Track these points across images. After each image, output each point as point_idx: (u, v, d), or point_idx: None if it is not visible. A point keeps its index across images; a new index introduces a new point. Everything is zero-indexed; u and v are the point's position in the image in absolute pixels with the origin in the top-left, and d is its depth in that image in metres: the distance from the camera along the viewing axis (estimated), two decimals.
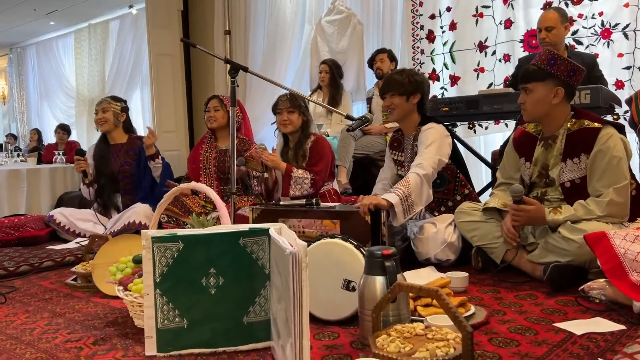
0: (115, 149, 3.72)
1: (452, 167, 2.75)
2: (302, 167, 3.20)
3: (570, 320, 1.74)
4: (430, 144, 2.61)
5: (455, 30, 4.65)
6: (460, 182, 2.78)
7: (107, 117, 3.68)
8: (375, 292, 1.57)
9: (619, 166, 2.20)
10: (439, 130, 2.68)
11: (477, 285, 2.22)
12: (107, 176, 3.65)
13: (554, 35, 3.45)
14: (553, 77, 2.28)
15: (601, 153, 2.21)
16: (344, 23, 5.33)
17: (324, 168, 3.21)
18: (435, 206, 2.79)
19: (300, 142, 3.25)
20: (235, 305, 1.56)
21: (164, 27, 6.48)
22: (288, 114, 3.19)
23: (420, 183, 2.49)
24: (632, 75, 3.91)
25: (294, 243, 1.34)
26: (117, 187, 3.68)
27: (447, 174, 2.75)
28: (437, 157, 2.58)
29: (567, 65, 2.28)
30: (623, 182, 2.18)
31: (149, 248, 1.54)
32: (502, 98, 3.21)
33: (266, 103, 5.86)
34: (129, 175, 3.66)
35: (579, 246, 2.07)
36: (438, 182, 2.71)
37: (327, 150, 3.25)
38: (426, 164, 2.53)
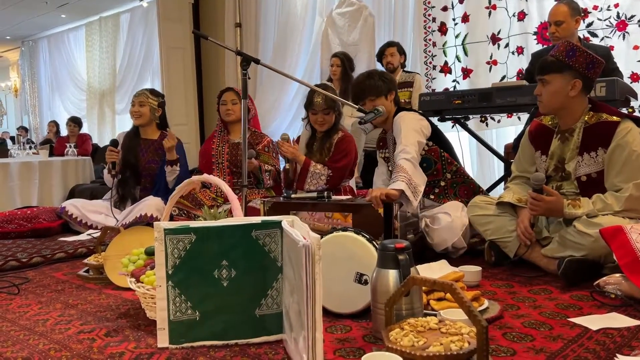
0: (145, 143, 3.69)
1: (434, 148, 2.79)
2: (324, 162, 3.17)
3: (586, 316, 1.71)
4: (405, 129, 2.65)
5: (468, 22, 4.60)
6: (446, 160, 2.81)
7: (144, 111, 3.63)
8: (388, 286, 1.56)
9: (638, 161, 2.16)
10: (409, 115, 2.75)
11: (490, 280, 2.20)
12: (132, 169, 3.63)
13: (564, 29, 3.39)
14: (571, 68, 2.24)
15: (620, 147, 2.18)
16: (355, 15, 5.30)
17: (345, 166, 3.18)
18: (429, 190, 2.79)
19: (328, 134, 3.23)
20: (248, 298, 1.56)
21: (174, 19, 6.49)
22: (324, 115, 3.16)
23: (413, 166, 2.53)
24: None
25: (307, 236, 1.33)
26: (139, 181, 3.66)
27: (431, 156, 2.78)
28: (415, 139, 2.62)
29: (586, 57, 2.24)
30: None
31: (161, 240, 1.54)
32: (516, 91, 3.17)
33: (276, 96, 5.86)
34: (152, 173, 3.64)
35: (594, 240, 2.05)
36: (424, 165, 2.74)
37: (353, 149, 3.22)
38: (409, 148, 2.57)
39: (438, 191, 2.80)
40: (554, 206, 2.22)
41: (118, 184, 3.63)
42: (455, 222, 2.56)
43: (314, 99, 3.14)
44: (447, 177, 2.80)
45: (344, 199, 2.64)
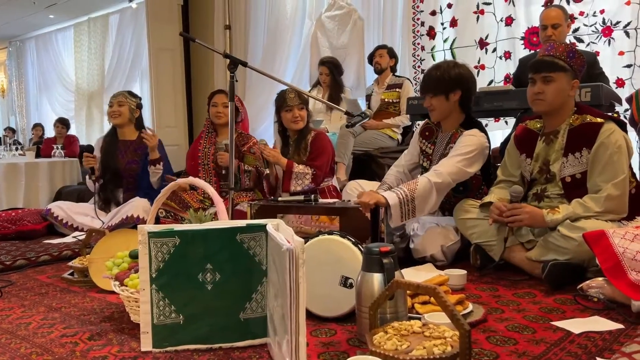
0: (123, 144, 3.70)
1: (478, 177, 2.68)
2: (303, 162, 3.19)
3: (569, 319, 1.73)
4: (464, 152, 2.51)
5: (456, 26, 4.63)
6: (481, 193, 2.70)
7: (123, 111, 3.66)
8: (373, 289, 1.56)
9: (619, 161, 2.19)
10: (481, 139, 2.57)
11: (475, 283, 2.21)
12: (112, 171, 3.63)
13: (560, 32, 3.44)
14: (572, 69, 2.29)
15: (603, 147, 2.21)
16: (345, 18, 5.31)
17: (325, 163, 3.20)
18: (448, 207, 2.72)
19: (302, 135, 3.24)
20: (232, 302, 1.55)
21: (164, 21, 6.47)
22: (299, 111, 3.17)
23: (429, 190, 2.41)
24: (632, 73, 3.91)
25: (291, 239, 1.33)
26: (121, 183, 3.66)
27: (472, 183, 2.68)
28: (463, 168, 2.49)
29: (582, 60, 2.32)
30: (621, 177, 2.17)
31: (145, 243, 1.53)
32: (503, 95, 3.20)
33: (265, 98, 5.86)
34: (134, 174, 3.64)
35: (578, 244, 2.07)
36: (461, 188, 2.64)
37: (328, 146, 3.25)
38: (445, 172, 2.45)
39: None
40: (534, 214, 2.23)
41: (99, 189, 3.62)
42: (441, 234, 2.55)
43: (287, 96, 3.16)
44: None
45: (331, 201, 2.64)
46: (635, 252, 1.79)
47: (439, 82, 2.60)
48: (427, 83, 2.66)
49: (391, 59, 4.60)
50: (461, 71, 2.63)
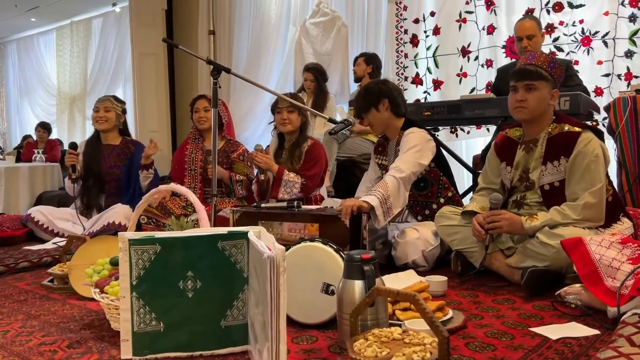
0: (107, 149, 3.67)
1: (435, 170, 2.79)
2: (295, 170, 3.18)
3: (546, 325, 1.75)
4: (411, 147, 2.65)
5: (439, 35, 4.69)
6: (443, 185, 2.81)
7: (110, 116, 3.63)
8: (354, 296, 1.58)
9: (597, 169, 2.23)
10: (420, 134, 2.72)
11: (456, 289, 2.23)
12: (95, 176, 3.59)
13: (535, 42, 3.50)
14: (553, 79, 2.34)
15: (581, 155, 2.25)
16: (329, 25, 5.34)
17: (317, 174, 3.20)
18: (419, 210, 2.82)
19: (297, 143, 3.24)
20: (213, 309, 1.55)
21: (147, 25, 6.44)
22: (288, 113, 3.17)
23: (397, 186, 2.52)
24: (611, 82, 3.98)
25: (272, 247, 1.34)
26: (103, 188, 3.63)
27: (430, 177, 2.79)
28: (416, 160, 2.62)
29: (561, 70, 2.38)
30: (598, 185, 2.22)
31: (125, 250, 1.53)
32: (484, 103, 3.24)
33: (250, 103, 5.86)
34: (116, 178, 3.61)
35: (556, 251, 2.10)
36: (422, 185, 2.76)
37: (323, 156, 3.23)
38: (404, 167, 2.57)
39: (428, 213, 2.80)
40: (513, 221, 2.27)
41: (81, 193, 3.59)
42: (421, 239, 2.58)
43: (280, 98, 3.18)
44: (440, 202, 2.80)
45: (314, 208, 2.65)
46: (611, 259, 1.82)
47: (365, 98, 2.81)
48: (357, 105, 2.85)
49: (368, 66, 4.59)
50: (380, 85, 2.85)
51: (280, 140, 3.34)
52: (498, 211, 2.32)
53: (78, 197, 3.58)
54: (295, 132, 3.25)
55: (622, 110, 3.14)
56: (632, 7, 3.86)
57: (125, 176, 3.60)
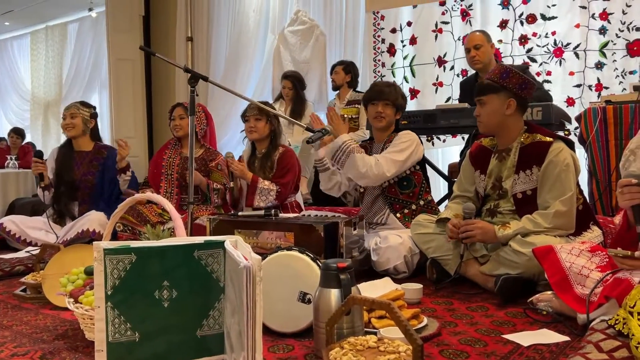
0: (79, 156, 3.62)
1: (419, 172, 2.88)
2: (269, 179, 3.19)
3: (519, 332, 1.79)
4: (398, 147, 2.77)
5: (416, 44, 4.75)
6: (424, 189, 2.90)
7: (76, 122, 3.58)
8: (330, 305, 1.59)
9: (567, 179, 2.29)
10: (409, 135, 2.84)
11: (431, 297, 2.26)
12: (67, 183, 3.54)
13: (483, 52, 3.59)
14: (505, 89, 2.38)
15: (552, 165, 2.30)
16: (307, 33, 5.37)
17: (291, 181, 3.21)
18: (398, 207, 2.88)
19: (268, 152, 3.25)
20: (189, 319, 1.55)
21: (124, 31, 6.39)
22: (255, 121, 3.19)
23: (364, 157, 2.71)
24: (582, 93, 4.08)
25: (248, 256, 1.34)
26: (76, 195, 3.57)
27: (414, 178, 2.86)
28: (398, 158, 2.74)
29: (518, 78, 2.39)
30: (568, 194, 2.27)
31: (100, 260, 1.51)
32: (458, 113, 3.30)
33: (228, 111, 5.85)
34: (90, 185, 3.56)
35: (529, 259, 2.14)
36: (405, 184, 2.85)
37: (295, 163, 3.25)
38: (382, 161, 2.72)
39: (407, 212, 2.85)
40: (486, 230, 2.31)
41: (53, 200, 3.54)
42: (404, 245, 2.61)
43: (248, 106, 3.21)
44: (419, 204, 2.87)
45: (291, 216, 2.66)
46: (580, 267, 1.87)
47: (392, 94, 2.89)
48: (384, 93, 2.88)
49: (347, 75, 4.63)
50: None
51: (253, 149, 3.36)
52: (472, 220, 2.36)
53: (50, 204, 3.53)
54: (266, 141, 3.27)
55: (593, 120, 3.22)
56: (602, 20, 3.97)
57: (99, 183, 3.56)
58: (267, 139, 3.27)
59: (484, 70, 3.58)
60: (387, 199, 2.88)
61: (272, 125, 3.25)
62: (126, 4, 6.39)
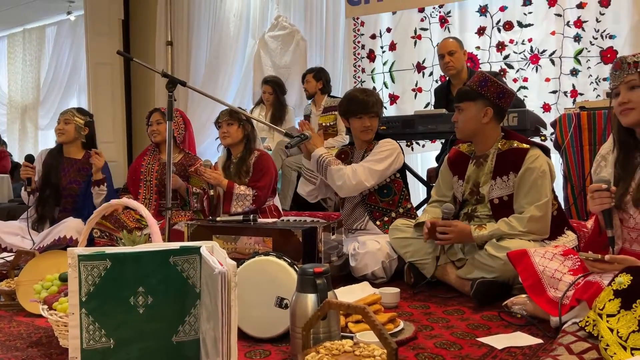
0: (68, 162, 3.56)
1: (399, 180, 2.90)
2: (245, 183, 3.19)
3: (493, 335, 1.81)
4: (378, 156, 2.78)
5: (395, 50, 4.79)
6: (404, 197, 2.91)
7: (68, 129, 3.51)
8: (307, 310, 1.59)
9: (543, 185, 2.33)
10: (391, 144, 2.85)
11: (408, 301, 2.28)
12: (53, 188, 3.48)
13: (457, 59, 3.65)
14: (483, 97, 2.42)
15: (529, 171, 2.34)
16: (288, 39, 5.39)
17: (268, 184, 3.21)
18: (378, 215, 2.89)
19: (243, 157, 3.25)
20: (165, 325, 1.54)
21: (103, 35, 6.34)
22: (227, 126, 3.20)
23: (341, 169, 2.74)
24: (558, 99, 4.16)
25: (223, 262, 1.34)
26: (59, 201, 3.52)
27: (394, 186, 2.88)
28: (376, 168, 2.74)
29: (497, 87, 2.42)
30: (544, 200, 2.31)
31: (75, 266, 1.50)
32: (436, 118, 3.34)
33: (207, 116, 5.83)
34: (74, 194, 3.50)
35: (504, 263, 2.17)
36: (385, 192, 2.86)
37: (271, 166, 3.26)
38: (360, 170, 2.74)
39: (386, 220, 2.87)
40: (463, 231, 2.35)
41: (37, 203, 3.48)
42: (382, 251, 2.63)
43: (221, 112, 3.22)
44: (399, 211, 2.89)
45: (269, 222, 2.66)
46: (553, 270, 1.90)
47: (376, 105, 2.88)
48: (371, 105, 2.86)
49: (318, 82, 4.62)
50: None
51: (229, 154, 3.36)
52: (449, 222, 2.39)
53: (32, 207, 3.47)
54: (240, 145, 3.28)
55: (567, 126, 3.28)
56: (576, 27, 4.05)
57: (84, 192, 3.50)
58: (242, 144, 3.28)
59: (457, 76, 3.64)
60: (367, 207, 2.90)
61: (245, 129, 3.26)
62: (105, 8, 6.35)
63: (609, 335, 1.37)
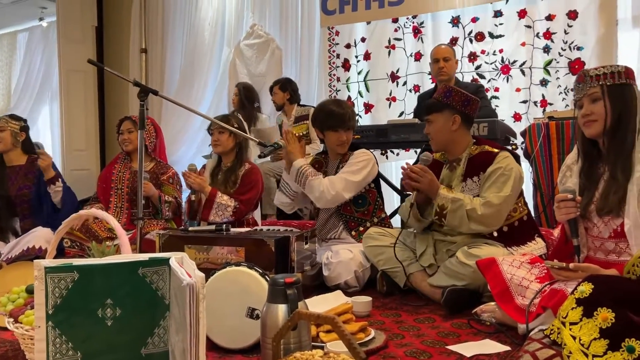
0: (12, 171, 3.50)
1: (373, 190, 2.92)
2: (229, 194, 3.17)
3: (462, 343, 1.84)
4: (357, 168, 2.80)
5: (369, 60, 4.84)
6: (379, 207, 2.93)
7: (4, 136, 3.45)
8: (277, 320, 1.59)
9: (507, 181, 2.37)
10: (366, 155, 2.86)
11: (380, 309, 2.29)
12: (3, 200, 3.42)
13: (450, 66, 3.71)
14: (449, 107, 2.49)
15: (496, 169, 2.41)
16: (263, 47, 5.39)
17: (252, 199, 3.20)
18: (354, 225, 2.90)
19: (233, 167, 3.24)
20: (133, 337, 1.53)
21: (76, 42, 6.26)
22: (218, 134, 3.19)
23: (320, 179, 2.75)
24: (528, 108, 4.23)
25: (192, 274, 1.34)
26: (15, 211, 3.45)
27: (368, 196, 2.90)
28: (352, 179, 2.75)
29: (461, 96, 2.50)
30: (505, 193, 2.35)
31: (41, 279, 1.48)
32: (409, 128, 3.38)
33: (182, 123, 5.79)
34: (27, 200, 3.45)
35: (474, 270, 2.20)
36: (360, 202, 2.88)
37: (259, 181, 3.24)
38: (336, 179, 2.75)
39: (362, 230, 2.87)
40: (433, 183, 2.41)
41: None
42: (354, 260, 2.64)
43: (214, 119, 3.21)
44: (373, 221, 2.91)
45: (242, 231, 2.65)
46: (521, 278, 1.93)
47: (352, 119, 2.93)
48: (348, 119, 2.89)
49: (285, 92, 4.65)
50: None
51: (219, 161, 3.34)
52: (425, 169, 2.43)
53: None
54: (231, 154, 3.26)
55: (537, 135, 3.35)
56: (545, 39, 4.14)
57: (36, 196, 3.45)
58: (233, 153, 3.27)
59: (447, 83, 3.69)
60: (342, 217, 2.90)
61: (237, 138, 3.23)
62: (78, 14, 6.27)
63: (571, 342, 1.41)
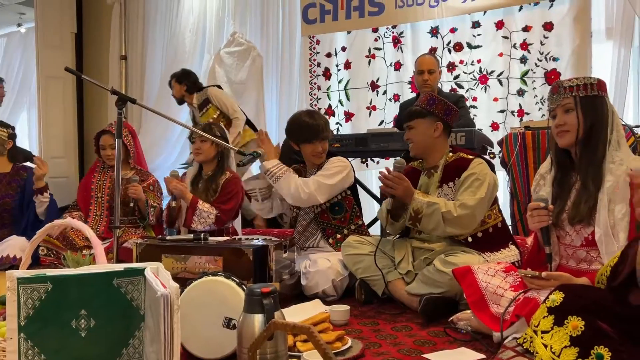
0: None
1: (350, 197, 2.93)
2: (210, 202, 3.15)
3: (439, 351, 1.85)
4: (328, 172, 2.80)
5: (350, 69, 4.88)
6: (355, 213, 2.94)
7: None
8: (254, 330, 1.59)
9: (482, 186, 2.41)
10: (341, 162, 2.88)
11: (358, 318, 2.30)
12: None
13: (434, 78, 3.75)
14: (432, 114, 2.53)
15: (470, 174, 2.45)
16: (244, 55, 5.39)
17: (232, 208, 3.18)
18: (331, 233, 2.91)
19: (214, 175, 3.22)
20: (108, 348, 1.51)
21: (55, 48, 6.20)
22: (200, 142, 3.17)
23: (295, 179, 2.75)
24: (505, 118, 4.30)
25: (167, 284, 1.34)
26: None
27: (345, 204, 2.91)
28: (328, 182, 2.76)
29: (443, 105, 2.56)
30: (479, 195, 2.38)
31: (13, 290, 1.46)
32: (388, 137, 3.41)
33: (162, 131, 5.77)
34: (9, 209, 3.41)
35: (451, 278, 2.22)
36: (336, 209, 2.89)
37: (240, 191, 3.22)
38: (311, 182, 2.75)
39: (339, 237, 2.88)
40: (408, 189, 2.42)
41: None
42: (332, 269, 2.64)
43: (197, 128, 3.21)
44: (350, 228, 2.91)
45: (221, 240, 2.65)
46: (496, 287, 1.96)
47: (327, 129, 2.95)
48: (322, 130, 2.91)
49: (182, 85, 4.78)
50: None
51: (200, 169, 3.33)
52: (400, 175, 2.44)
53: None
54: (212, 163, 3.25)
55: (513, 144, 3.40)
56: (522, 49, 4.22)
57: (18, 205, 3.42)
58: (214, 161, 3.26)
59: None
60: (319, 225, 2.91)
61: (219, 147, 3.22)
62: (57, 21, 6.21)
63: (543, 351, 1.43)
